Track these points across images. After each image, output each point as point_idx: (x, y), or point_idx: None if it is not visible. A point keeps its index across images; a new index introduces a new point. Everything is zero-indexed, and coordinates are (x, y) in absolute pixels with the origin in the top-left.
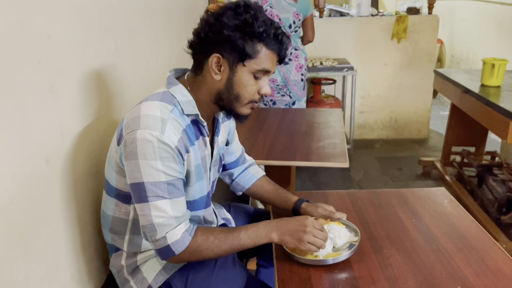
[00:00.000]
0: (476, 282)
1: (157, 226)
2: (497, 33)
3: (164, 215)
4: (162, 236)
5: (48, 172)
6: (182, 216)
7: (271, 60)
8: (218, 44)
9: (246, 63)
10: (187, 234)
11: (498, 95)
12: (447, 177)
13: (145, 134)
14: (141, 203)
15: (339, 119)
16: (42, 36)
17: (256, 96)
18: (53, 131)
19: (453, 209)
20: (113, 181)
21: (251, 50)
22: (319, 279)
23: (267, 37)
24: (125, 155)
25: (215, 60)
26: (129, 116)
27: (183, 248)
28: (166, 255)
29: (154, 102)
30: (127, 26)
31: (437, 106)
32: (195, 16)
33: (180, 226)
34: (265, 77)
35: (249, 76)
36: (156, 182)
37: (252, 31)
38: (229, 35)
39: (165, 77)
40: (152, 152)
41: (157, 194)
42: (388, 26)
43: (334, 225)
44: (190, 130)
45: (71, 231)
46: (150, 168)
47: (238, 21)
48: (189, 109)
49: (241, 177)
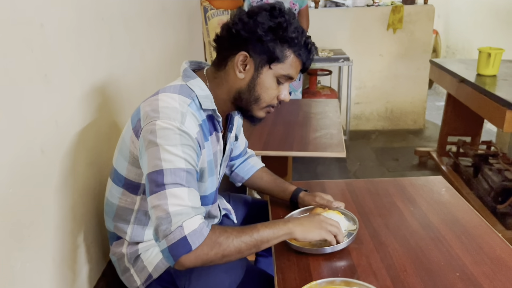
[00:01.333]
0: (474, 269)
1: (173, 215)
2: (492, 23)
3: (182, 202)
4: (179, 225)
5: (43, 162)
6: (198, 208)
7: (297, 67)
8: (248, 42)
9: (272, 66)
10: (204, 226)
11: (494, 84)
12: (443, 167)
13: (165, 123)
14: (157, 193)
15: (336, 110)
16: (35, 24)
17: (275, 101)
18: (48, 120)
19: (451, 197)
20: (123, 170)
21: (280, 54)
22: (318, 267)
23: (297, 44)
24: (145, 145)
25: (242, 58)
26: (147, 107)
27: (201, 240)
28: (180, 252)
29: (172, 95)
30: (122, 15)
31: (433, 97)
32: (191, 6)
33: (197, 217)
34: (287, 84)
35: (272, 80)
36: (176, 168)
37: (284, 35)
38: (261, 36)
39: (161, 67)
40: (173, 138)
41: (176, 181)
42: (383, 16)
43: (332, 214)
44: (205, 125)
45: (68, 221)
46: (170, 154)
47: (273, 23)
48: (207, 104)
49: (241, 168)
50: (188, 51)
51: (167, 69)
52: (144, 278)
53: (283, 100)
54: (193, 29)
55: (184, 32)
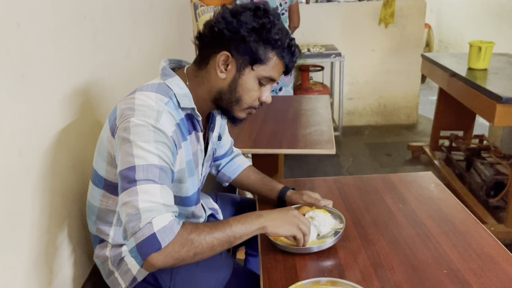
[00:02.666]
0: (461, 266)
1: (142, 211)
2: (484, 17)
3: (153, 199)
4: (148, 221)
5: (21, 164)
6: (171, 206)
7: (279, 69)
8: (230, 42)
9: (255, 67)
10: (175, 223)
11: (485, 78)
12: (435, 161)
13: (139, 121)
14: (128, 189)
15: (326, 106)
16: (11, 23)
17: (256, 103)
18: (26, 122)
19: (440, 193)
20: (103, 171)
21: (263, 55)
22: (304, 267)
23: (281, 46)
24: (119, 143)
25: (224, 58)
26: (123, 105)
27: (171, 238)
28: (149, 250)
29: (149, 93)
30: (105, 12)
31: (426, 91)
32: (180, 3)
33: (168, 214)
34: (268, 86)
35: (254, 81)
36: (149, 165)
37: (268, 37)
38: (245, 36)
39: (148, 66)
40: (147, 134)
41: (148, 177)
42: (375, 11)
43: (319, 212)
44: (183, 124)
45: (49, 225)
46: (143, 151)
47: (256, 24)
48: (185, 103)
49: (227, 168)
50: (178, 48)
51: (154, 67)
52: (129, 281)
53: (264, 102)
54: (182, 26)
55: (173, 30)
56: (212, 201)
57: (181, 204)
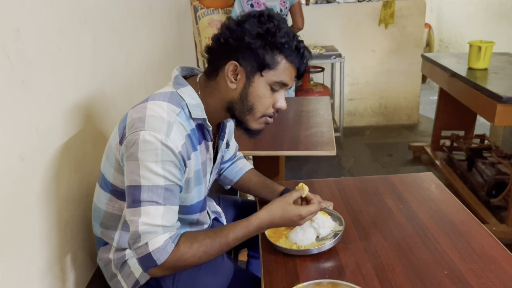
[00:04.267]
0: (462, 266)
1: (141, 233)
2: (484, 16)
3: (153, 222)
4: (145, 242)
5: (23, 170)
6: (170, 226)
7: (290, 73)
8: (237, 51)
9: (264, 73)
10: (170, 242)
11: (485, 78)
12: (437, 161)
13: (149, 136)
14: (133, 208)
15: (327, 107)
16: (10, 29)
17: (271, 110)
18: (27, 127)
19: (440, 194)
20: (110, 176)
21: (271, 60)
22: (305, 268)
23: (288, 49)
24: (126, 156)
25: (232, 67)
26: (134, 115)
27: (165, 257)
28: (147, 265)
29: (161, 103)
30: (105, 16)
31: (427, 91)
32: (180, 6)
33: (164, 235)
34: (282, 91)
35: (265, 88)
36: (154, 186)
37: (273, 41)
38: (250, 43)
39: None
40: (154, 155)
41: (152, 199)
42: (375, 11)
43: (319, 215)
44: (194, 134)
45: (51, 228)
46: (149, 172)
47: (261, 29)
48: (197, 113)
49: (229, 171)
50: (178, 51)
51: (155, 70)
52: (131, 283)
53: (280, 108)
54: (183, 29)
55: (174, 33)
56: (215, 204)
57: (184, 213)
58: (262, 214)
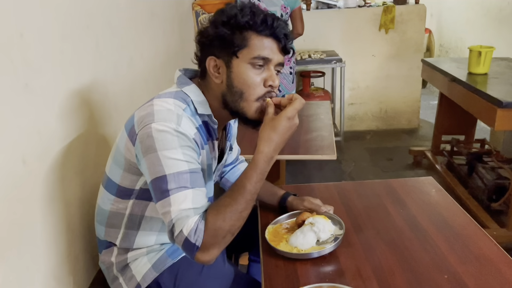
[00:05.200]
0: (462, 270)
1: (175, 220)
2: (484, 21)
3: (183, 206)
4: (179, 230)
5: (25, 173)
6: (200, 207)
7: (268, 46)
8: (210, 46)
9: (239, 54)
10: (200, 220)
11: (485, 83)
12: (437, 166)
13: (161, 126)
14: (162, 200)
15: (327, 111)
16: (14, 34)
17: (262, 90)
18: (30, 130)
19: (440, 198)
20: (117, 178)
21: (240, 40)
22: (305, 272)
23: (254, 24)
24: (143, 151)
25: (212, 63)
26: (141, 112)
27: (201, 236)
28: (192, 251)
29: (167, 99)
30: (108, 22)
31: (427, 96)
32: (182, 11)
33: (195, 217)
34: (269, 67)
35: (246, 68)
36: (179, 172)
37: (237, 22)
38: (216, 32)
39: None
40: (171, 141)
41: (180, 184)
42: (375, 17)
43: (319, 218)
44: (202, 130)
45: (53, 231)
46: (170, 159)
47: (223, 17)
48: (202, 109)
49: (231, 174)
50: (180, 56)
51: (157, 74)
52: (133, 287)
53: (272, 86)
54: (184, 34)
55: (175, 37)
56: None
57: None
58: (261, 146)
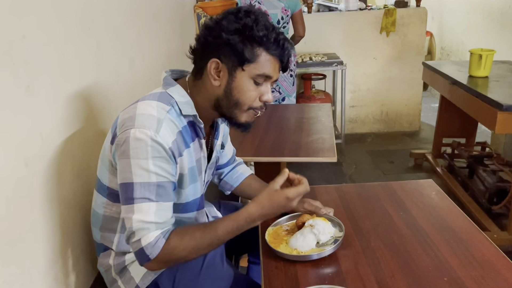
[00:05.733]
0: (462, 273)
1: (135, 229)
2: (485, 24)
3: (145, 219)
4: (138, 239)
5: (27, 174)
6: (163, 223)
7: (272, 65)
8: (217, 48)
9: (245, 67)
10: (161, 237)
11: (486, 86)
12: (438, 169)
13: (139, 133)
14: (126, 205)
15: (328, 114)
16: (16, 36)
17: (257, 103)
18: (32, 132)
19: (441, 201)
20: (106, 180)
21: (250, 54)
22: (305, 274)
23: (267, 41)
24: (118, 154)
25: (214, 65)
26: (124, 115)
27: (157, 252)
28: (142, 260)
29: (151, 102)
30: (109, 24)
31: (428, 99)
32: (183, 13)
33: (156, 231)
34: (267, 84)
35: (249, 82)
36: (146, 183)
37: (251, 35)
38: (228, 39)
39: (151, 76)
40: (145, 151)
41: (144, 195)
42: (376, 19)
43: (319, 221)
44: (186, 131)
45: (54, 233)
46: (140, 169)
47: (238, 25)
48: (187, 110)
49: (229, 176)
50: (181, 58)
51: (158, 77)
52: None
53: (266, 101)
54: (186, 36)
55: (177, 40)
56: (215, 210)
57: (181, 211)
58: (251, 206)
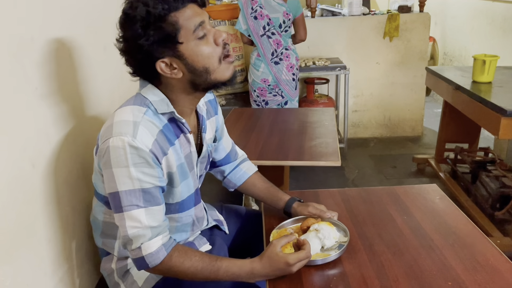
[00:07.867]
0: (466, 278)
1: (132, 237)
2: (488, 30)
3: (138, 225)
4: (137, 246)
5: (34, 176)
6: (158, 226)
7: (193, 13)
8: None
9: (180, 40)
10: (163, 249)
11: (490, 91)
12: (441, 174)
13: (116, 141)
14: (118, 213)
15: (332, 118)
16: (25, 38)
17: (219, 50)
18: (39, 134)
19: (445, 206)
20: (100, 188)
21: (170, 28)
22: (310, 278)
23: (169, 6)
24: (102, 165)
25: (162, 66)
26: (105, 125)
27: (157, 262)
28: (140, 266)
29: (126, 108)
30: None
31: (431, 104)
32: None
33: (156, 238)
34: (206, 28)
35: (195, 45)
36: (131, 190)
37: (155, 16)
38: (147, 39)
39: None
40: (125, 159)
41: (132, 203)
42: (380, 25)
43: (324, 225)
44: (168, 129)
45: (59, 235)
46: (123, 177)
47: (138, 23)
48: (163, 108)
49: (233, 175)
50: None
51: None
52: None
53: (223, 40)
54: None
55: None
56: (217, 213)
57: (180, 211)
58: (255, 263)
